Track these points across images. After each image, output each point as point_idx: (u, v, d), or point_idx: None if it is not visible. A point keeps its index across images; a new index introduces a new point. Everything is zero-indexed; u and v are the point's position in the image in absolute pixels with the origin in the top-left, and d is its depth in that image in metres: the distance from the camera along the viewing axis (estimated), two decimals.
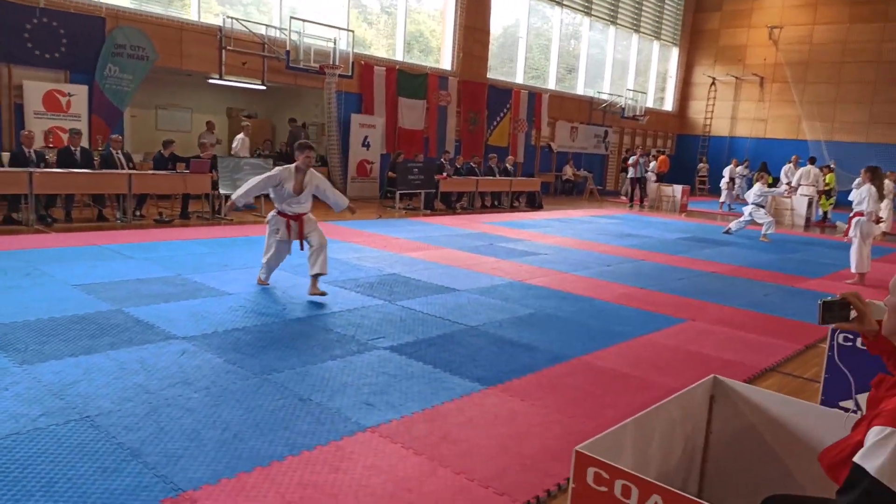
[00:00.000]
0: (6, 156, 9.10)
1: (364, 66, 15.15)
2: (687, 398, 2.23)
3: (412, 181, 13.04)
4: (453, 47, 17.42)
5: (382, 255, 8.05)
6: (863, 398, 3.13)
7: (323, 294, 5.72)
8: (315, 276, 5.74)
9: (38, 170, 8.63)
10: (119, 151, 9.87)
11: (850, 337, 3.17)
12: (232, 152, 11.95)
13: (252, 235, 8.95)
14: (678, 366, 4.57)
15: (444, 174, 13.80)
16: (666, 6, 25.50)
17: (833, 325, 1.87)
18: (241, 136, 12.50)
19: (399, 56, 16.46)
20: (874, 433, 1.48)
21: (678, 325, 5.68)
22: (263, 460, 2.93)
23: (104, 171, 9.43)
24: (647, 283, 7.44)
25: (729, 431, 2.36)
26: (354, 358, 4.33)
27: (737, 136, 25.96)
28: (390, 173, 13.75)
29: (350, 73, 14.45)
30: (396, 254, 8.18)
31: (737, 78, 25.69)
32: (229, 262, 7.10)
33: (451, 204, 14.04)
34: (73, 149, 9.49)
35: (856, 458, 1.50)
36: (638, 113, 23.61)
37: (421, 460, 3.03)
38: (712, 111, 26.63)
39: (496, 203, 15.68)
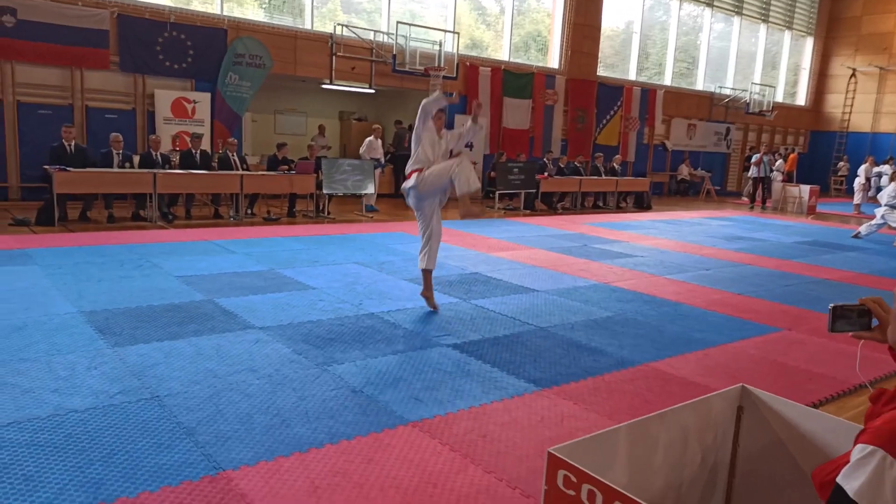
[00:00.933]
0: (137, 158, 10.02)
1: (469, 68, 15.28)
2: (703, 407, 2.10)
3: (512, 181, 13.00)
4: (561, 45, 17.16)
5: (469, 254, 8.09)
6: None
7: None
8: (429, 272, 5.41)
9: (161, 171, 9.43)
10: (234, 154, 10.59)
11: None
12: (360, 153, 12.28)
13: (348, 233, 9.30)
14: (756, 376, 4.26)
15: (546, 174, 13.63)
16: None
17: (851, 335, 1.69)
18: (370, 138, 12.45)
19: (505, 56, 16.45)
20: (857, 451, 1.34)
21: (771, 335, 5.29)
22: (303, 446, 3.05)
23: (219, 172, 10.15)
24: (747, 288, 6.98)
25: (758, 446, 2.19)
26: (415, 353, 4.40)
27: (880, 133, 23.67)
28: (491, 173, 13.77)
29: (455, 75, 14.63)
30: (483, 253, 8.19)
31: (881, 69, 23.42)
32: (320, 258, 7.42)
33: (552, 204, 13.85)
34: (193, 151, 10.31)
35: (838, 478, 1.36)
36: (765, 108, 22.12)
37: (454, 457, 3.04)
38: (851, 105, 24.45)
39: (602, 204, 15.28)
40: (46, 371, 3.75)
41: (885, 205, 11.06)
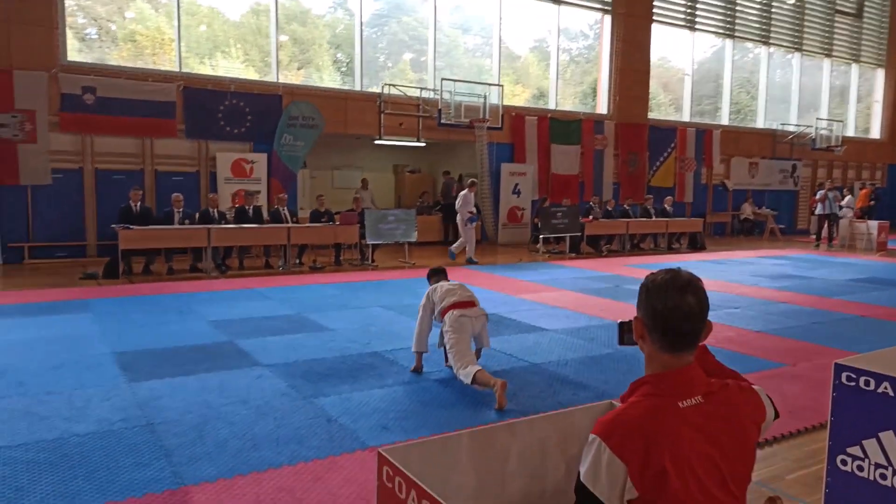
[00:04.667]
0: (197, 216, 10.87)
1: (515, 117, 15.70)
2: (564, 419, 2.27)
3: (555, 225, 13.15)
4: (609, 91, 17.38)
5: (493, 296, 8.29)
6: (869, 444, 2.81)
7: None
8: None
9: (215, 226, 10.21)
10: (284, 208, 11.31)
11: (853, 376, 2.86)
12: (457, 208, 12.54)
13: (385, 279, 9.71)
14: None
15: (591, 217, 13.70)
16: (865, 26, 23.03)
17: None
18: (464, 191, 12.56)
19: (552, 104, 16.82)
20: (588, 440, 1.53)
21: (769, 370, 5.22)
22: (262, 467, 3.36)
23: (267, 225, 10.86)
24: (767, 326, 6.85)
25: None
26: (401, 387, 4.66)
27: None
28: (535, 218, 13.97)
29: (500, 125, 15.06)
30: (509, 295, 8.38)
31: None
32: (349, 303, 7.82)
33: (598, 247, 13.86)
34: (247, 207, 11.10)
35: (581, 464, 1.55)
36: (833, 143, 21.36)
37: None
38: None
39: (654, 245, 15.14)
40: (66, 402, 4.25)
41: None
